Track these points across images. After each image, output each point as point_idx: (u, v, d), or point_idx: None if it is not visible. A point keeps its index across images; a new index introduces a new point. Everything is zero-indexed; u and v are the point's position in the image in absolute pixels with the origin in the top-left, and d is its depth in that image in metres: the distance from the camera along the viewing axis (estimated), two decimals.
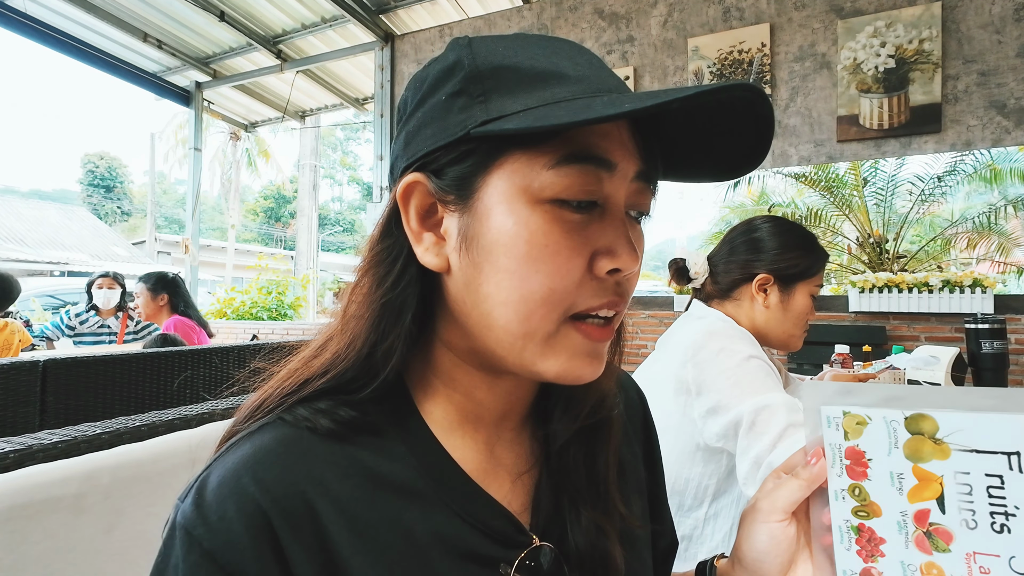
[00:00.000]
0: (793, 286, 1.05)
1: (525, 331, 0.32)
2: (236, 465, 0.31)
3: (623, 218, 0.34)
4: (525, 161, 0.31)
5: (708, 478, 0.99)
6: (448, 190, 0.33)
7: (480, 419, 0.38)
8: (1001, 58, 2.73)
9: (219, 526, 0.29)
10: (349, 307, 0.36)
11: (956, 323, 2.72)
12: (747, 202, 7.39)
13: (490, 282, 0.32)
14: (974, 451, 0.30)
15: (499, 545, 0.35)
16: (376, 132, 4.44)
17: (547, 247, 0.31)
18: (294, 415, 0.34)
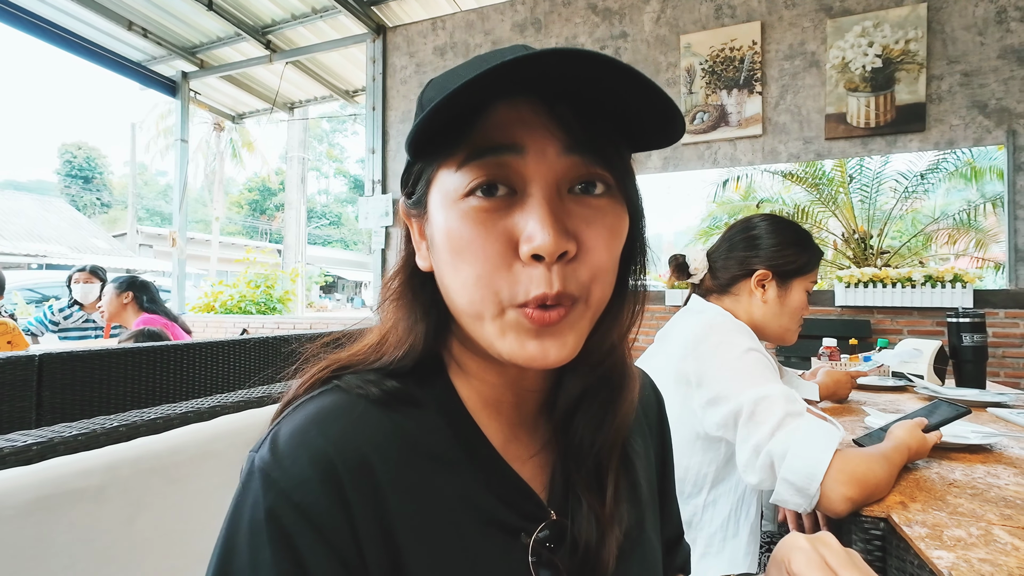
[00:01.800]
0: (790, 282, 1.09)
1: (475, 312, 0.36)
2: (304, 421, 0.36)
3: (548, 198, 0.34)
4: (445, 171, 0.36)
5: (707, 466, 1.02)
6: (413, 206, 0.41)
7: (500, 402, 0.42)
8: (983, 59, 2.81)
9: (293, 470, 0.33)
10: (387, 306, 0.43)
11: (938, 317, 2.80)
12: (735, 197, 7.48)
13: (444, 275, 0.38)
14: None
15: (520, 517, 0.39)
16: (368, 126, 4.41)
17: (463, 237, 0.35)
18: (347, 383, 0.39)
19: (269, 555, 0.32)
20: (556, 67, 0.31)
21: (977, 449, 0.95)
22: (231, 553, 0.33)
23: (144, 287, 2.64)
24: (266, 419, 0.97)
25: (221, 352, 2.18)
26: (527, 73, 0.31)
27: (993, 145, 2.86)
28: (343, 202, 30.54)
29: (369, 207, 4.30)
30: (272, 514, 0.32)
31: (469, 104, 0.33)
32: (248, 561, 0.32)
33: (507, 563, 0.38)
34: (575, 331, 0.36)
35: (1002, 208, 3.62)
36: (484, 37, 4.06)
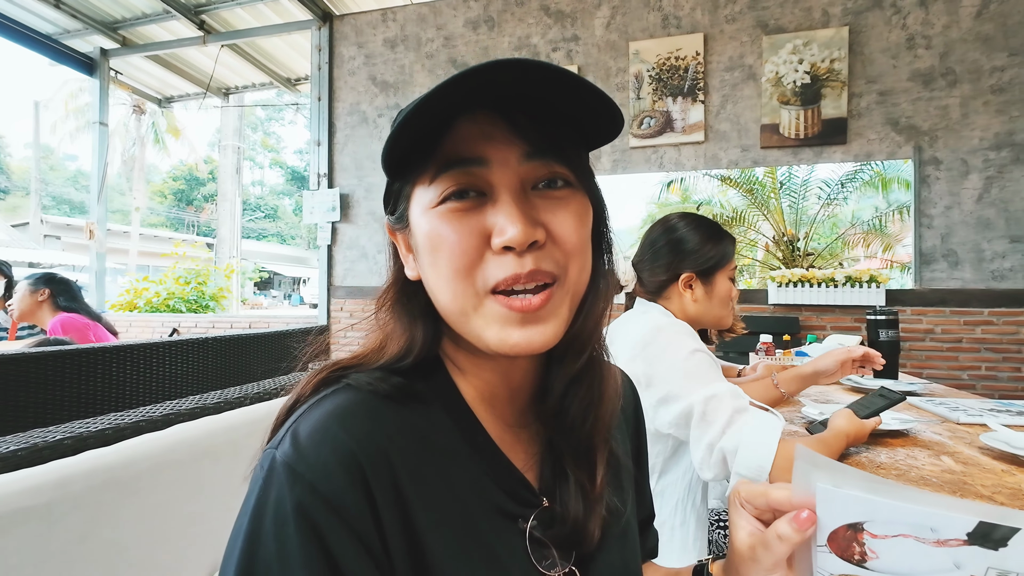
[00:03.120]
0: (713, 276, 1.16)
1: (458, 308, 0.39)
2: (324, 416, 0.37)
3: (514, 197, 0.38)
4: (421, 185, 0.40)
5: (655, 458, 1.08)
6: (396, 222, 0.45)
7: (496, 398, 0.45)
8: (896, 80, 3.11)
9: (318, 463, 0.35)
10: (383, 313, 0.46)
11: (857, 314, 3.08)
12: (674, 199, 7.83)
13: (429, 278, 0.41)
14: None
15: (517, 504, 0.42)
16: (313, 116, 4.24)
17: (443, 236, 0.38)
18: (357, 381, 0.41)
19: (297, 546, 0.33)
20: (499, 77, 0.34)
21: (897, 434, 1.06)
22: (255, 548, 0.33)
23: (63, 284, 2.39)
24: (228, 425, 0.92)
25: (156, 355, 2.02)
26: (474, 85, 0.34)
27: (903, 159, 3.17)
28: (280, 194, 29.08)
29: (315, 201, 4.14)
30: (300, 506, 0.33)
31: (432, 124, 0.37)
32: (275, 553, 0.33)
33: (509, 546, 0.41)
34: (557, 316, 0.39)
35: (906, 214, 4.01)
36: (436, 32, 4.01)
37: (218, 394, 1.06)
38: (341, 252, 4.18)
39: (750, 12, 3.35)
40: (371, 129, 4.15)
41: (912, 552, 0.34)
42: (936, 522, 0.33)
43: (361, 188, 4.16)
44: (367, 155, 4.15)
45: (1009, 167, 2.94)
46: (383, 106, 4.13)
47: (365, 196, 4.14)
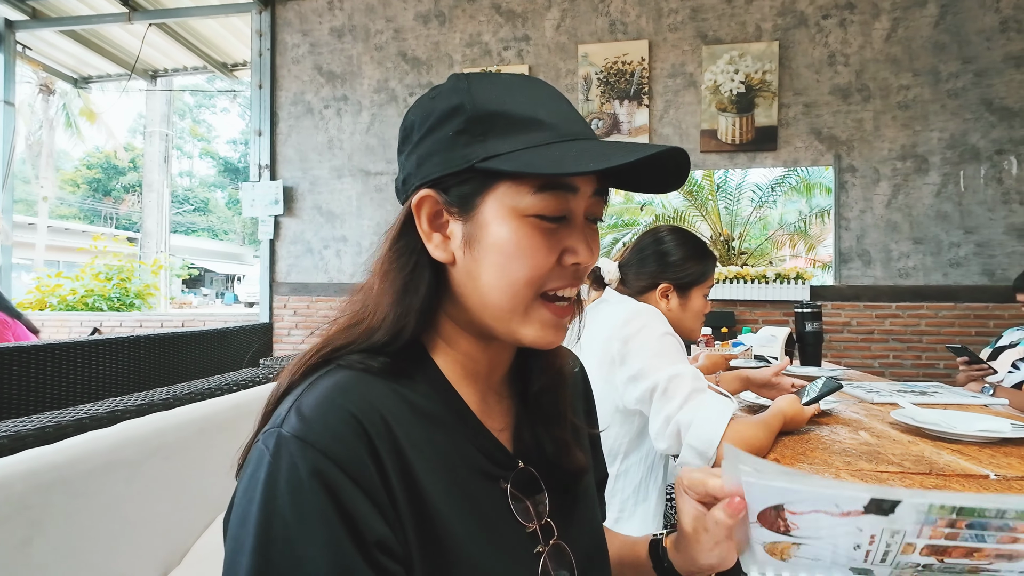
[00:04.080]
0: (690, 291, 1.25)
1: (511, 307, 0.44)
2: (324, 393, 0.40)
3: (583, 225, 0.46)
4: (514, 187, 0.43)
5: (622, 438, 1.15)
6: (453, 203, 0.44)
7: (477, 374, 0.49)
8: (819, 94, 3.38)
9: (327, 430, 0.37)
10: (376, 288, 0.46)
11: (785, 308, 3.33)
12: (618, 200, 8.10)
13: (487, 272, 0.44)
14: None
15: (497, 466, 0.47)
16: (254, 105, 4.04)
17: (529, 248, 0.43)
18: (348, 361, 0.44)
19: (315, 508, 0.35)
20: (656, 159, 0.41)
21: (823, 413, 1.18)
22: (271, 518, 0.35)
23: None
24: (179, 422, 0.88)
25: (82, 355, 1.87)
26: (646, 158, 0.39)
27: (824, 166, 3.45)
28: (211, 187, 27.34)
29: (255, 193, 3.95)
30: (315, 470, 0.35)
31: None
32: (294, 519, 0.34)
33: (493, 503, 0.46)
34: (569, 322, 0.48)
35: (827, 217, 4.37)
36: (386, 24, 3.93)
37: (166, 390, 1.01)
38: (285, 247, 4.02)
39: (691, 23, 3.52)
40: (317, 120, 4.02)
41: (824, 522, 0.42)
42: (839, 501, 0.41)
43: (306, 181, 4.01)
44: (312, 147, 4.01)
45: (912, 176, 3.27)
46: (329, 97, 4.00)
47: (310, 190, 4.00)
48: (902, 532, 0.41)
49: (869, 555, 0.42)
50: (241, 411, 0.98)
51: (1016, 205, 3.16)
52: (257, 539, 0.34)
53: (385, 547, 0.37)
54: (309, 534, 0.35)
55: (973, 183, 3.20)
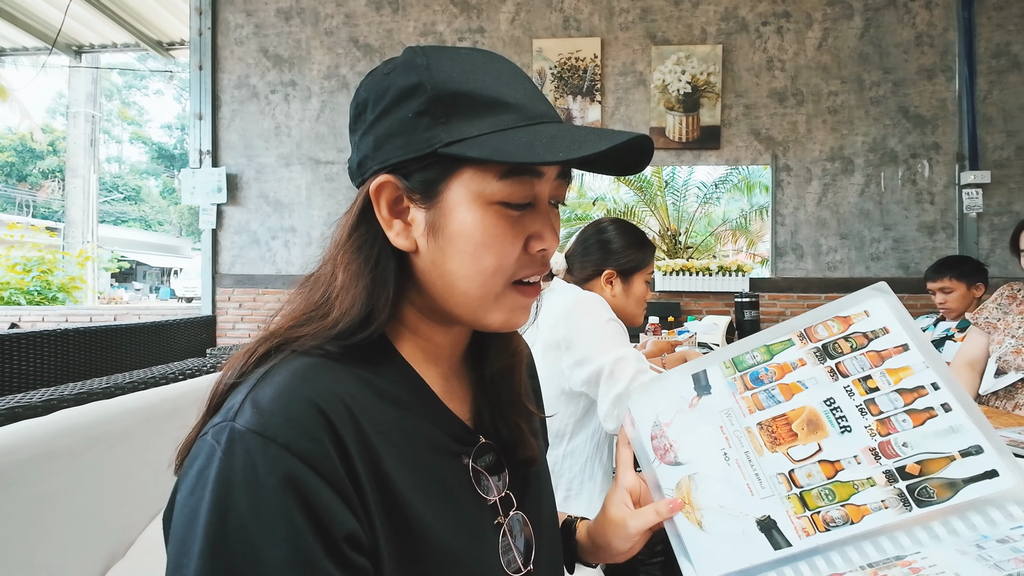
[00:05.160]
0: (632, 277, 1.33)
1: (481, 295, 0.44)
2: (283, 383, 0.38)
3: (548, 209, 0.46)
4: (479, 173, 0.41)
5: (568, 418, 1.20)
6: (415, 190, 0.42)
7: (438, 357, 0.50)
8: (758, 97, 3.57)
9: (289, 425, 0.35)
10: (341, 280, 0.43)
11: (727, 299, 3.52)
12: (571, 195, 8.24)
13: (453, 261, 0.43)
14: None
15: (459, 444, 0.48)
16: (193, 87, 3.83)
17: (496, 236, 0.42)
18: (306, 348, 0.42)
19: (279, 508, 0.33)
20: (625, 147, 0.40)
21: None
22: (224, 526, 0.32)
23: None
24: (121, 411, 0.85)
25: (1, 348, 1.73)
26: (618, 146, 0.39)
27: (763, 165, 3.66)
28: (143, 174, 25.52)
29: (196, 181, 3.75)
30: (278, 469, 0.33)
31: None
32: (253, 520, 0.32)
33: (457, 479, 0.47)
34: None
35: (766, 215, 4.62)
36: (336, 8, 3.82)
37: (106, 380, 0.97)
38: (228, 237, 3.84)
39: (641, 23, 3.63)
40: (263, 105, 3.86)
41: (685, 423, 0.50)
42: (680, 391, 0.49)
43: (251, 169, 3.85)
44: (258, 133, 3.85)
45: (839, 176, 3.53)
46: (276, 82, 3.85)
47: (256, 177, 3.84)
48: (727, 410, 0.49)
49: (740, 465, 0.49)
50: (189, 399, 0.95)
51: (927, 204, 3.47)
52: (208, 541, 0.32)
53: (354, 541, 0.36)
54: (271, 536, 0.32)
55: (891, 184, 3.49)
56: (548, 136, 0.40)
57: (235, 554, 0.32)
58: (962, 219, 3.39)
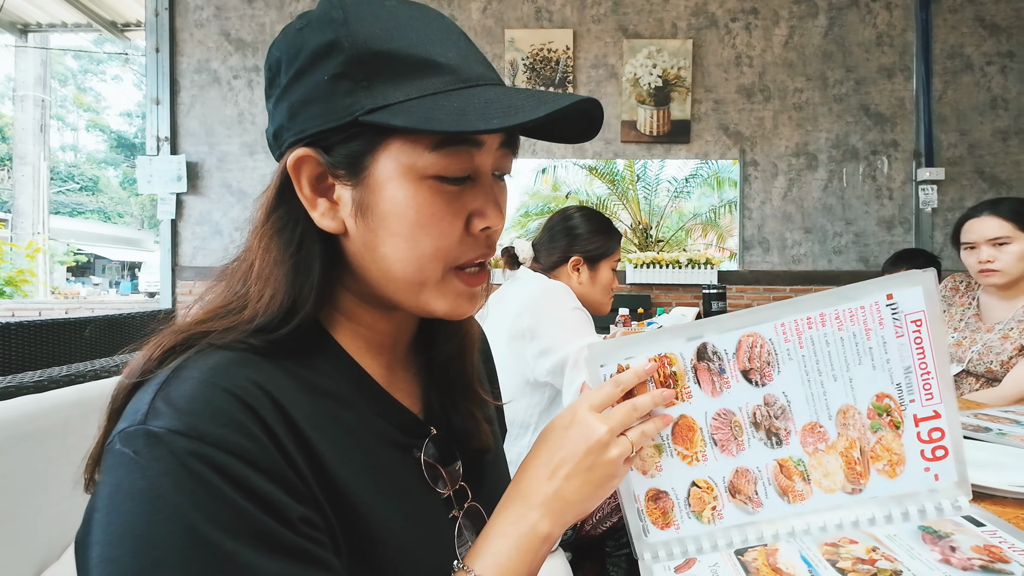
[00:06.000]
0: (598, 264, 1.33)
1: (419, 280, 0.40)
2: (198, 378, 0.34)
3: (491, 183, 0.41)
4: (409, 144, 0.37)
5: (532, 408, 1.19)
6: (339, 165, 0.38)
7: (381, 345, 0.47)
8: (727, 92, 3.62)
9: (215, 420, 0.32)
10: (258, 267, 0.39)
11: (696, 292, 3.57)
12: (545, 190, 8.24)
13: (386, 244, 0.39)
14: None
15: (409, 435, 0.46)
16: (150, 70, 3.66)
17: (432, 215, 0.38)
18: (224, 341, 0.37)
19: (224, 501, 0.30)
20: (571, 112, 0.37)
21: None
22: (149, 546, 0.29)
23: None
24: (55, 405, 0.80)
25: None
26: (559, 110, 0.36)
27: (731, 159, 3.72)
28: (101, 163, 24.40)
29: (153, 169, 3.59)
30: (212, 467, 0.30)
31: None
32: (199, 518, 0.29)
33: (407, 472, 0.45)
34: (485, 289, 0.46)
35: (734, 209, 4.71)
36: None
37: (39, 373, 0.90)
38: (189, 228, 3.70)
39: (613, 16, 3.64)
40: (225, 91, 3.71)
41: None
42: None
43: (213, 157, 3.71)
44: (220, 120, 3.71)
45: (804, 172, 3.62)
46: (239, 67, 3.71)
47: (218, 166, 3.70)
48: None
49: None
50: None
51: (886, 200, 3.59)
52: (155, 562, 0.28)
53: (309, 522, 0.34)
54: (224, 527, 0.30)
55: (853, 179, 3.59)
56: (483, 101, 0.36)
57: (194, 559, 0.29)
58: (918, 214, 3.52)
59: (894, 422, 0.47)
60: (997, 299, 1.52)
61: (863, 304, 0.46)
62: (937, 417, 0.47)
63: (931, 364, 0.46)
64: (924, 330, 0.46)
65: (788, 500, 0.49)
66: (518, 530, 0.42)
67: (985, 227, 1.44)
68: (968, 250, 1.49)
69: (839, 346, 0.47)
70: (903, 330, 0.46)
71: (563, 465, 0.44)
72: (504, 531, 0.43)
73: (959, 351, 1.51)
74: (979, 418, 1.00)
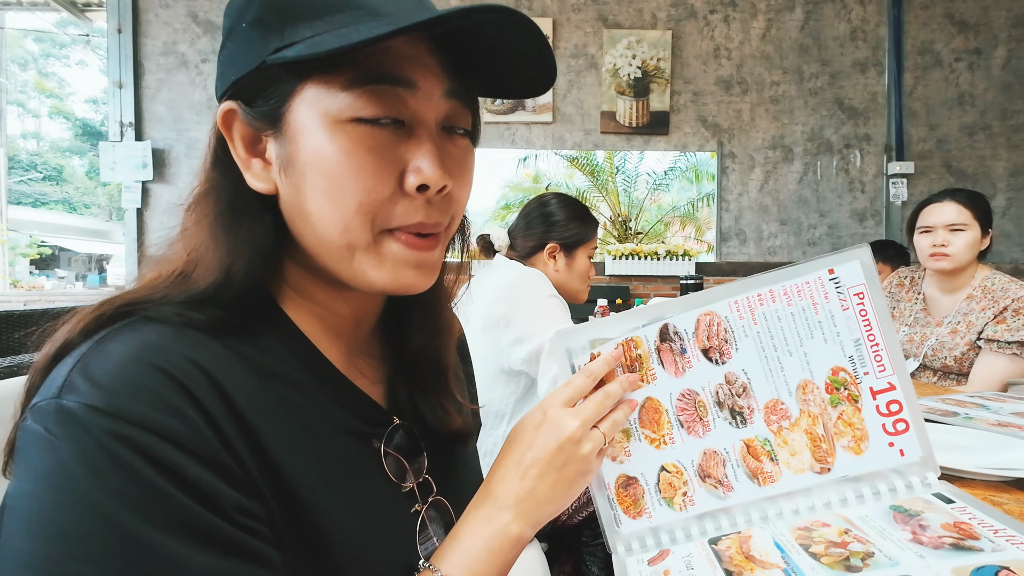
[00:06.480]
0: (575, 251, 1.31)
1: (346, 243, 0.36)
2: (123, 351, 0.31)
3: (433, 136, 0.36)
4: (323, 86, 0.34)
5: (508, 398, 1.17)
6: (259, 117, 0.36)
7: (340, 327, 0.43)
8: (705, 84, 3.64)
9: (139, 397, 0.29)
10: (191, 233, 0.37)
11: (674, 283, 3.60)
12: (526, 182, 8.22)
13: (310, 202, 0.35)
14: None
15: (369, 424, 0.42)
16: (112, 52, 3.50)
17: (350, 164, 0.34)
18: (160, 313, 0.34)
19: (151, 488, 0.27)
20: (479, 21, 0.32)
21: None
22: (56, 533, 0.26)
23: None
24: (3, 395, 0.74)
25: None
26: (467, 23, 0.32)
27: (709, 152, 3.74)
28: (66, 152, 23.47)
29: (117, 156, 3.45)
30: (134, 449, 0.28)
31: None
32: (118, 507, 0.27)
33: (364, 464, 0.42)
34: (439, 261, 0.41)
35: (712, 202, 4.76)
36: None
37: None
38: (156, 218, 3.57)
39: (593, 5, 3.61)
40: (193, 75, 3.58)
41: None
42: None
43: (181, 144, 3.58)
44: (188, 105, 3.58)
45: (780, 164, 3.66)
46: (208, 50, 3.58)
47: (186, 153, 3.58)
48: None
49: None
50: None
51: (858, 193, 3.66)
52: (55, 550, 0.26)
53: (245, 511, 0.31)
54: (151, 517, 0.27)
55: (827, 172, 3.65)
56: (382, 22, 0.32)
57: (109, 551, 0.26)
58: (888, 207, 3.60)
59: (852, 396, 0.47)
60: (941, 292, 1.56)
61: (808, 279, 0.48)
62: (892, 389, 0.47)
63: (879, 336, 0.47)
64: (867, 303, 0.47)
65: (759, 483, 0.48)
66: (488, 530, 0.41)
67: (945, 212, 1.48)
68: (923, 234, 1.52)
69: (791, 321, 0.48)
70: (848, 303, 0.47)
71: (534, 464, 0.42)
72: (474, 531, 0.41)
73: (912, 347, 1.54)
74: (947, 403, 1.01)
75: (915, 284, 1.65)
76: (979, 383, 1.40)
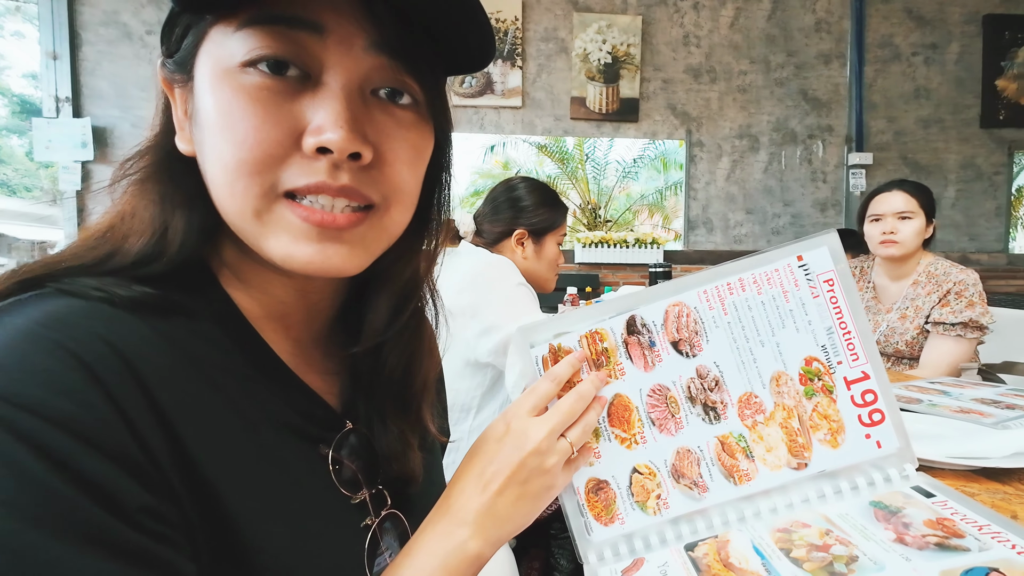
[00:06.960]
0: (543, 238, 1.26)
1: (235, 208, 0.32)
2: (25, 326, 0.26)
3: (349, 95, 0.31)
4: (221, 29, 0.31)
5: (474, 391, 1.13)
6: (176, 70, 0.33)
7: (287, 317, 0.39)
8: (675, 71, 3.63)
9: (33, 378, 0.25)
10: (123, 200, 0.35)
11: (643, 271, 3.61)
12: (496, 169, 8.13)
13: (207, 160, 0.32)
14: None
15: (316, 426, 0.38)
16: (44, 19, 3.22)
17: (233, 115, 0.30)
18: (76, 285, 0.30)
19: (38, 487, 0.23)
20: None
21: None
22: None
23: None
24: None
25: None
26: None
27: (678, 140, 3.75)
28: (3, 130, 21.91)
29: (52, 133, 3.20)
30: (20, 435, 0.23)
31: None
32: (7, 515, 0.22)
33: (309, 468, 0.37)
34: (365, 244, 0.34)
35: (680, 191, 4.80)
36: None
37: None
38: (99, 201, 3.34)
39: None
40: (137, 48, 3.34)
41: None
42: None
43: (126, 122, 3.35)
44: (134, 80, 3.34)
45: (747, 154, 3.70)
46: (154, 21, 3.34)
47: (132, 131, 3.35)
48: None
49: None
50: None
51: (821, 183, 3.74)
52: None
53: (153, 513, 0.27)
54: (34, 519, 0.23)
55: (791, 162, 3.72)
56: None
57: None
58: (848, 197, 3.70)
59: (826, 387, 0.46)
60: (889, 280, 1.62)
61: (777, 267, 0.47)
62: (867, 378, 0.46)
63: (850, 324, 0.46)
64: (837, 289, 0.46)
65: (735, 482, 0.46)
66: (445, 547, 0.37)
67: (893, 201, 1.54)
68: (873, 222, 1.58)
69: (761, 310, 0.46)
70: (818, 290, 0.46)
71: (495, 479, 0.39)
72: (429, 548, 0.37)
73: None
74: (910, 389, 1.02)
75: (865, 273, 1.70)
76: (929, 365, 1.45)
